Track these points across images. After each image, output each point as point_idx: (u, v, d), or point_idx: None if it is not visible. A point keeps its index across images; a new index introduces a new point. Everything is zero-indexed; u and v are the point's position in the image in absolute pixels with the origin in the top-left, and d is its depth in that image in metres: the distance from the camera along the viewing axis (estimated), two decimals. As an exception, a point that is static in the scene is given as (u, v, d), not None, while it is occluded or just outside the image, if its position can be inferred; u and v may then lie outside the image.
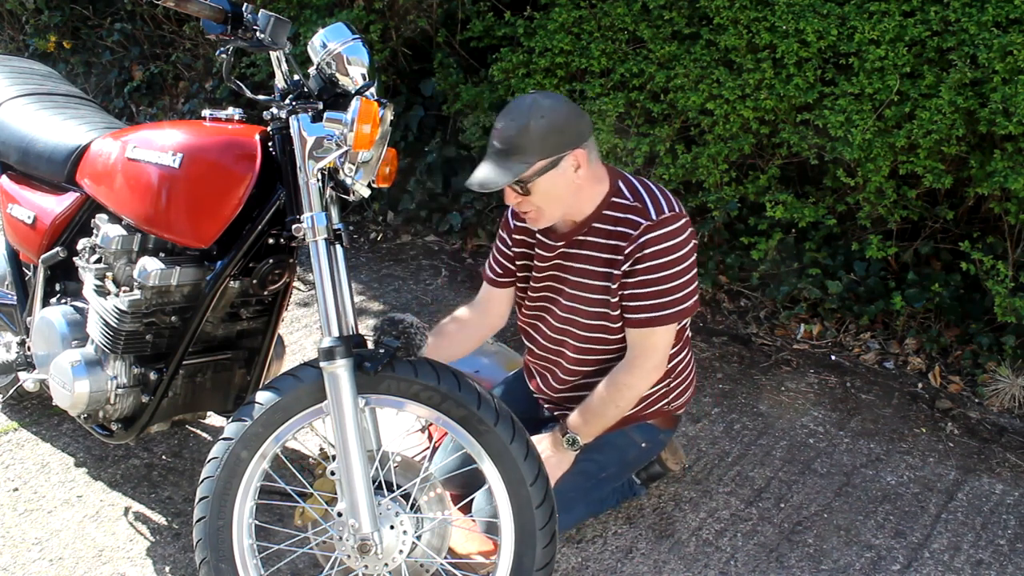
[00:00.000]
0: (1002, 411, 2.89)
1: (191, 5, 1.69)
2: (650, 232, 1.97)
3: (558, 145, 1.92)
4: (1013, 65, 2.58)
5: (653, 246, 1.97)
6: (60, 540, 2.19)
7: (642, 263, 1.98)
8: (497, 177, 1.92)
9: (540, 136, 1.90)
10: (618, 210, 2.03)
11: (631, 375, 2.06)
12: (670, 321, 2.02)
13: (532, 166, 1.92)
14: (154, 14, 4.97)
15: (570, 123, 1.94)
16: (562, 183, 1.96)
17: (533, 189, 1.95)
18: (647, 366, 2.05)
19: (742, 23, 2.93)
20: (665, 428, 2.25)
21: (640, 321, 2.01)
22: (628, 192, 2.04)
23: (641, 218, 1.99)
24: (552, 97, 1.97)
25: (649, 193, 2.03)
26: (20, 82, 2.51)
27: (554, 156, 1.92)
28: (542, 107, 1.92)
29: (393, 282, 3.70)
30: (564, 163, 1.94)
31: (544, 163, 1.92)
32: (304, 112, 1.76)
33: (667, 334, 2.05)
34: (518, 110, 1.93)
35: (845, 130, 2.81)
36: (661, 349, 2.06)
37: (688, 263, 2.01)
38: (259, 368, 2.17)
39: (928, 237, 3.15)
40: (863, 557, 2.22)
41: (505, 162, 1.92)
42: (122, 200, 1.99)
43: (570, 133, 1.94)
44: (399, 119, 3.97)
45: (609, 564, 2.17)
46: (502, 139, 1.93)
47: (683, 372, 2.22)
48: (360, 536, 1.73)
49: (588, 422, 2.09)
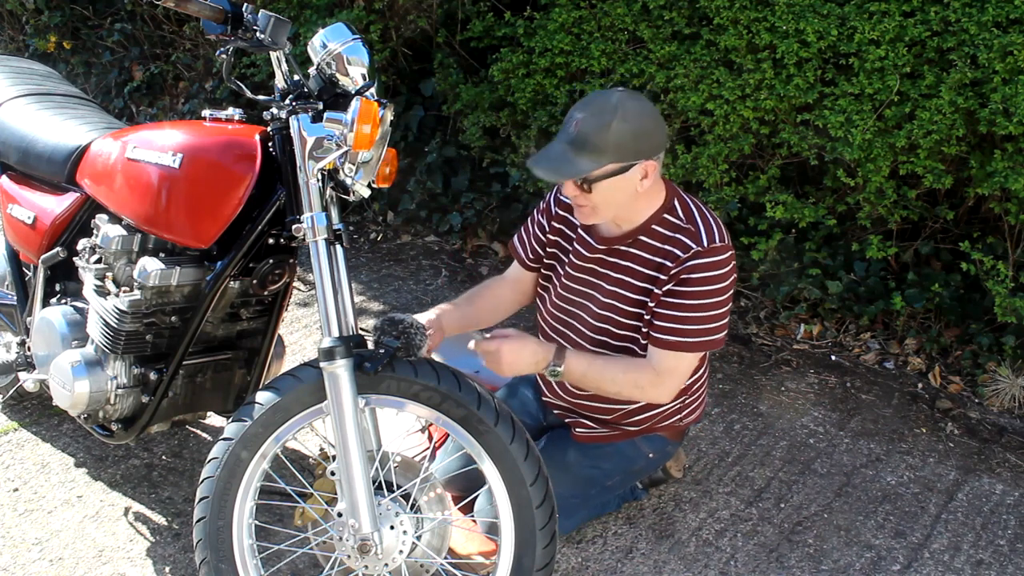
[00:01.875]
0: (1002, 411, 2.89)
1: (191, 5, 1.69)
2: (699, 258, 1.94)
3: (634, 152, 1.88)
4: (1013, 65, 2.58)
5: (699, 272, 1.94)
6: (60, 540, 2.19)
7: (684, 287, 1.95)
8: (564, 170, 1.88)
9: (619, 140, 1.86)
10: (668, 228, 1.99)
11: (652, 383, 1.99)
12: (698, 349, 1.98)
13: (602, 167, 1.87)
14: (154, 14, 4.96)
15: (652, 133, 1.90)
16: (625, 189, 1.92)
17: (595, 188, 1.91)
18: (668, 384, 2.01)
19: (742, 23, 2.93)
20: (673, 440, 2.24)
21: (669, 343, 1.97)
22: (682, 212, 2.00)
23: (692, 242, 1.95)
24: (638, 100, 1.91)
25: (703, 219, 1.99)
26: (20, 82, 2.51)
27: (627, 162, 1.88)
28: (628, 110, 1.86)
29: (393, 282, 3.70)
30: (633, 171, 1.90)
31: (615, 167, 1.88)
32: (304, 112, 1.76)
33: (692, 360, 2.02)
34: (603, 106, 1.87)
35: (845, 130, 2.81)
36: (684, 374, 2.03)
37: (726, 296, 1.98)
38: (259, 368, 2.17)
39: (928, 237, 3.15)
40: (863, 557, 2.22)
41: (576, 155, 1.87)
42: (122, 200, 1.99)
43: (649, 143, 1.90)
44: (399, 119, 3.97)
45: (609, 564, 2.17)
46: (580, 132, 1.87)
47: (698, 390, 2.21)
48: (360, 536, 1.73)
49: (586, 375, 1.98)
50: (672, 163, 3.15)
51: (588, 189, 1.91)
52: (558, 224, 2.17)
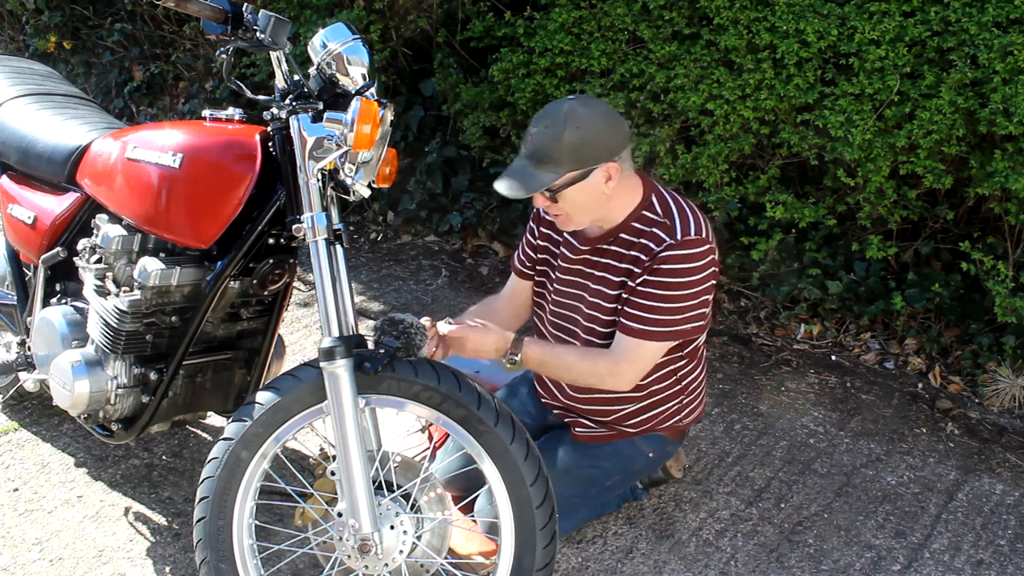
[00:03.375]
0: (1002, 411, 2.89)
1: (191, 5, 1.69)
2: (671, 251, 1.94)
3: (591, 158, 1.89)
4: (1013, 65, 2.58)
5: (670, 264, 1.94)
6: (60, 540, 2.19)
7: (655, 276, 1.95)
8: (526, 185, 1.91)
9: (572, 148, 1.87)
10: (645, 223, 2.00)
11: (608, 370, 1.98)
12: (660, 339, 1.98)
13: (561, 177, 1.89)
14: (154, 14, 4.96)
15: (606, 136, 1.90)
16: (591, 194, 1.93)
17: (561, 198, 1.93)
18: (629, 374, 2.00)
19: (742, 23, 2.93)
20: (673, 439, 2.24)
21: (631, 330, 1.98)
22: (659, 206, 2.00)
23: (666, 235, 1.96)
24: (591, 105, 1.92)
25: (680, 212, 1.99)
26: (20, 82, 2.51)
27: (585, 168, 1.89)
28: (578, 116, 1.87)
29: (393, 282, 3.70)
30: (595, 175, 1.91)
31: (574, 175, 1.89)
32: (304, 112, 1.76)
33: (656, 349, 2.00)
34: (555, 117, 1.88)
35: (845, 130, 2.81)
36: (647, 362, 2.01)
37: (698, 288, 1.96)
38: (259, 368, 2.17)
39: (928, 237, 3.15)
40: (863, 557, 2.22)
41: (535, 169, 1.90)
42: (122, 200, 1.99)
43: (604, 146, 1.90)
44: (399, 119, 3.96)
45: (609, 564, 2.17)
46: (534, 146, 1.90)
47: (697, 389, 2.21)
48: (360, 536, 1.73)
49: (542, 366, 2.01)
50: (672, 163, 3.16)
51: (555, 199, 1.93)
52: (546, 229, 2.19)
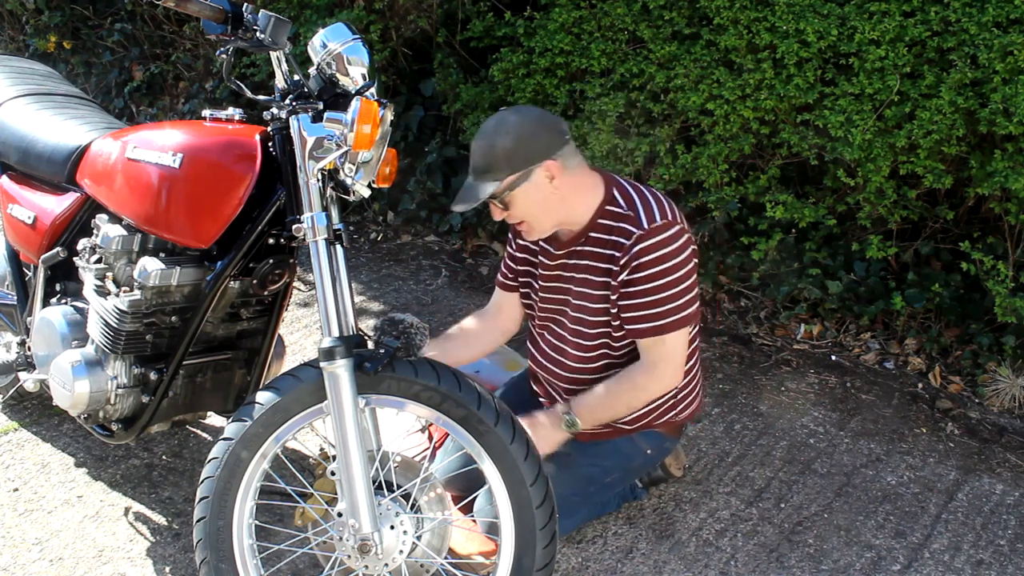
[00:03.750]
0: (1002, 411, 2.89)
1: (191, 5, 1.68)
2: (642, 242, 1.96)
3: (526, 159, 1.94)
4: (1013, 65, 2.58)
5: (648, 254, 1.96)
6: (60, 540, 2.19)
7: (639, 272, 1.97)
8: (472, 197, 1.97)
9: (506, 153, 1.94)
10: (611, 218, 2.02)
11: (649, 377, 2.04)
12: (676, 328, 2.00)
13: (502, 182, 1.95)
14: (154, 14, 4.96)
15: (536, 136, 1.96)
16: (539, 195, 1.98)
17: (511, 203, 1.98)
18: (666, 372, 2.04)
19: (742, 23, 2.93)
20: (671, 436, 2.25)
21: (646, 331, 2.00)
22: (622, 199, 2.03)
23: (633, 227, 1.98)
24: (520, 112, 1.99)
25: (642, 200, 2.02)
26: (20, 82, 2.51)
27: (523, 170, 1.94)
28: (507, 124, 1.95)
29: (393, 282, 3.70)
30: (535, 176, 1.96)
31: (513, 178, 1.95)
32: (304, 112, 1.76)
33: (678, 339, 2.03)
34: (486, 130, 1.97)
35: (845, 130, 2.81)
36: (678, 354, 2.04)
37: (685, 270, 1.99)
38: (259, 368, 2.17)
39: (928, 237, 3.15)
40: (863, 557, 2.22)
41: (479, 182, 1.97)
42: (122, 200, 1.99)
43: (537, 146, 1.95)
44: (399, 119, 3.97)
45: (609, 564, 2.17)
46: (474, 161, 1.98)
47: (692, 383, 2.21)
48: (360, 536, 1.73)
49: (594, 410, 2.07)
50: (672, 163, 3.16)
51: (507, 207, 1.99)
52: (522, 241, 2.21)
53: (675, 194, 3.33)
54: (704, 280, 3.38)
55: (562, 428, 2.08)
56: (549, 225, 2.04)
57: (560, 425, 2.08)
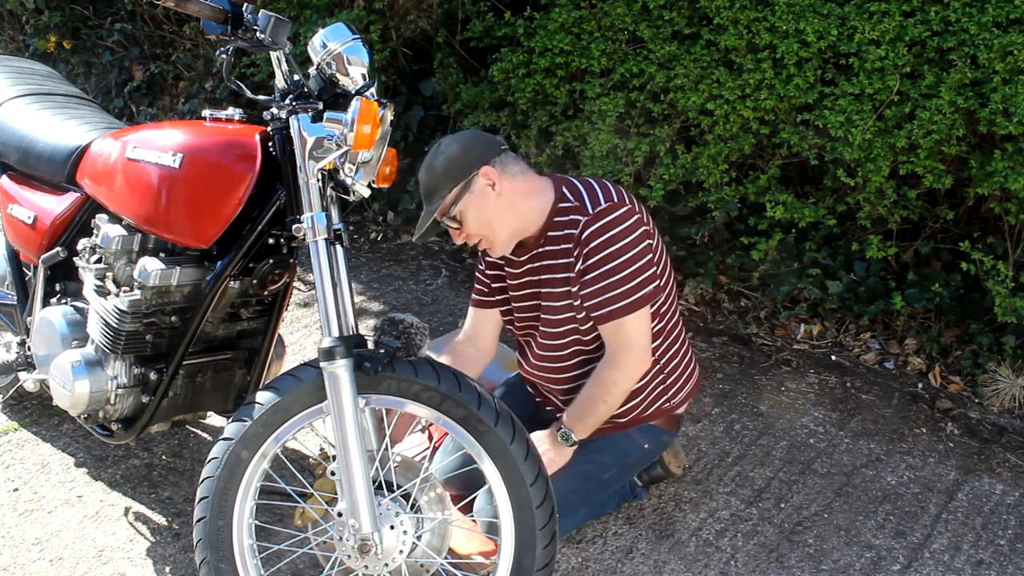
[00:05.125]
0: (1002, 411, 2.89)
1: (191, 5, 1.68)
2: (591, 225, 2.00)
3: (462, 170, 2.00)
4: (1013, 65, 2.58)
5: (597, 238, 1.99)
6: (60, 540, 2.19)
7: (591, 257, 2.00)
8: (424, 222, 2.04)
9: (443, 170, 2.00)
10: (563, 214, 2.06)
11: (615, 370, 2.06)
12: (633, 309, 2.01)
13: (446, 198, 2.00)
14: (154, 14, 4.96)
15: (468, 148, 2.02)
16: (486, 204, 2.02)
17: (463, 219, 2.03)
18: (630, 359, 2.05)
19: (742, 23, 2.93)
20: (668, 429, 2.25)
21: (604, 316, 2.03)
22: (570, 194, 2.07)
23: (579, 215, 2.02)
24: (454, 135, 2.07)
25: (587, 188, 2.06)
26: (20, 82, 2.51)
27: (462, 180, 1.99)
28: (441, 146, 2.03)
29: (393, 282, 3.70)
30: (475, 184, 2.00)
31: (456, 190, 2.00)
32: (304, 112, 1.76)
33: (638, 322, 2.03)
34: (426, 160, 2.05)
35: (845, 130, 2.81)
36: (639, 339, 2.04)
37: (637, 249, 2.00)
38: (259, 368, 2.17)
39: (928, 237, 3.15)
40: (863, 557, 2.22)
41: (429, 206, 2.04)
42: (122, 200, 1.99)
43: (470, 156, 2.01)
44: (399, 119, 3.97)
45: (609, 564, 2.17)
46: (422, 190, 2.06)
47: (677, 368, 2.21)
48: (360, 536, 1.73)
49: (581, 418, 2.10)
50: (672, 163, 3.16)
51: (459, 223, 2.04)
52: (489, 258, 2.24)
53: (675, 194, 3.33)
54: (704, 280, 3.38)
55: (561, 444, 2.11)
56: (506, 236, 2.07)
57: (559, 442, 2.11)
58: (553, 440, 2.12)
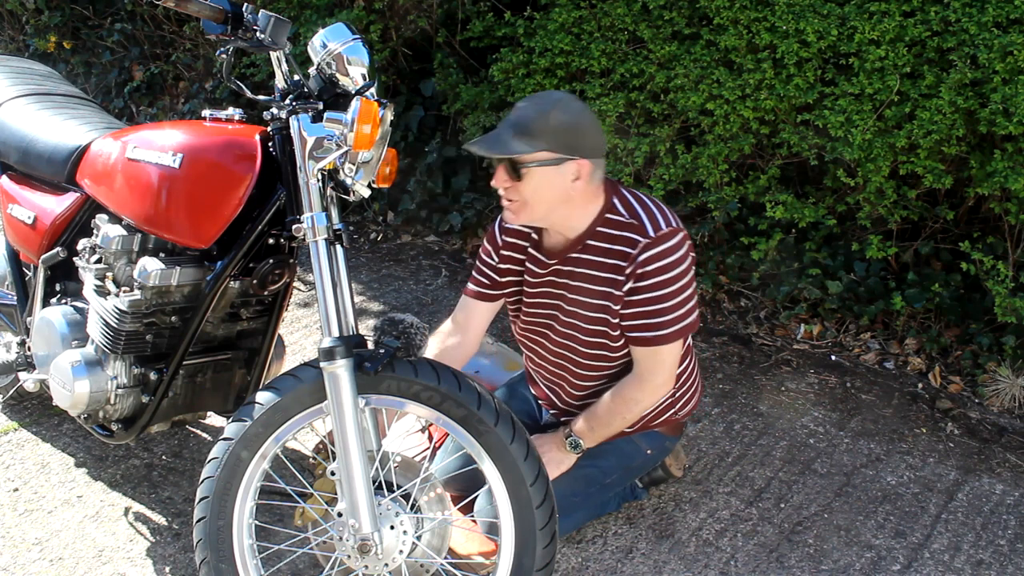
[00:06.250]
0: (1002, 411, 2.89)
1: (191, 5, 1.69)
2: (649, 250, 1.95)
3: (569, 146, 1.90)
4: (1013, 65, 2.58)
5: (654, 263, 1.95)
6: (60, 540, 2.19)
7: (644, 281, 1.96)
8: (498, 147, 1.90)
9: (555, 128, 1.88)
10: (613, 227, 2.00)
11: (640, 390, 2.06)
12: (675, 339, 2.01)
13: (535, 153, 1.89)
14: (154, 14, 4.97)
15: (589, 132, 1.92)
16: (555, 185, 1.93)
17: (525, 177, 1.92)
18: (656, 382, 2.05)
19: (742, 23, 2.93)
20: (671, 435, 2.25)
21: (646, 340, 2.00)
22: (623, 208, 2.01)
23: (639, 236, 1.97)
24: (581, 102, 1.95)
25: (645, 209, 2.00)
26: (20, 82, 2.51)
27: (561, 155, 1.90)
28: (570, 105, 1.90)
29: (393, 282, 3.70)
30: (566, 166, 1.91)
31: (548, 156, 1.89)
32: (304, 112, 1.76)
33: (674, 350, 2.04)
34: (545, 97, 1.92)
35: (845, 130, 2.81)
36: (669, 365, 2.05)
37: (688, 278, 1.99)
38: (259, 368, 2.17)
39: (928, 237, 3.15)
40: (863, 557, 2.22)
41: (512, 138, 1.89)
42: (122, 200, 1.99)
43: (585, 141, 1.91)
44: (399, 119, 3.97)
45: (609, 564, 2.17)
46: (519, 116, 1.90)
47: (688, 380, 2.21)
48: (360, 536, 1.73)
49: (593, 429, 2.09)
50: (672, 163, 3.16)
51: (518, 177, 1.92)
52: (507, 252, 2.18)
53: (675, 194, 3.33)
54: (704, 280, 3.38)
55: (568, 451, 2.10)
56: (541, 217, 2.00)
57: (565, 448, 2.10)
58: (559, 445, 2.11)
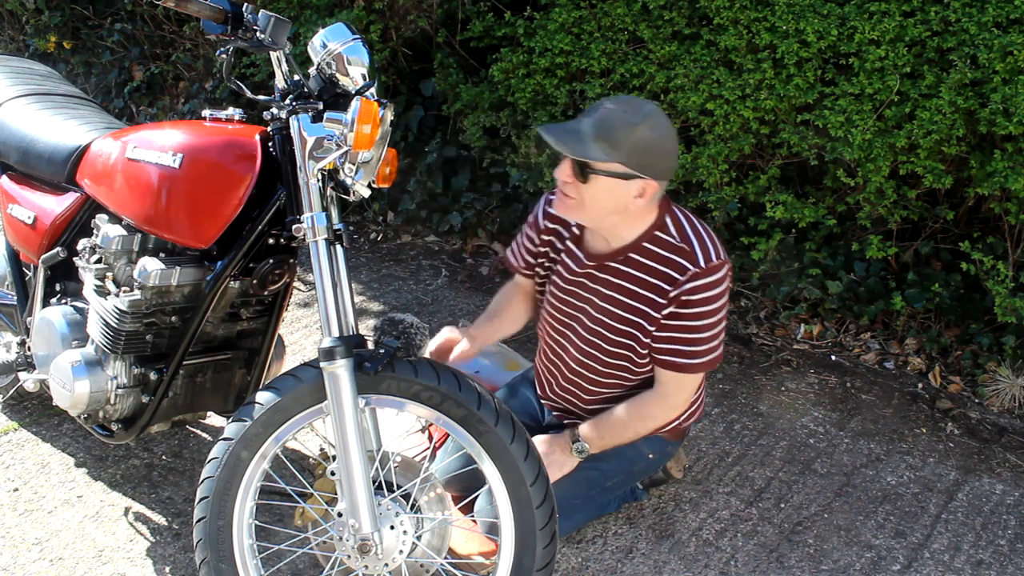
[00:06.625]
0: (1002, 411, 2.89)
1: (191, 5, 1.69)
2: (698, 279, 1.95)
3: (644, 165, 1.87)
4: (1013, 65, 2.58)
5: (699, 293, 1.95)
6: (60, 540, 2.19)
7: (686, 308, 1.97)
8: (574, 146, 1.87)
9: (637, 144, 1.85)
10: (662, 247, 1.99)
11: (659, 408, 2.08)
12: (702, 370, 2.03)
13: (609, 162, 1.87)
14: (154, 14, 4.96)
15: (668, 155, 1.91)
16: (617, 196, 1.91)
17: (591, 181, 1.89)
18: (675, 402, 2.08)
19: (742, 23, 2.93)
20: (673, 440, 2.25)
21: (675, 365, 2.01)
22: (675, 229, 1.99)
23: (690, 263, 1.96)
24: (668, 122, 1.92)
25: (697, 236, 1.99)
26: (20, 82, 2.51)
27: (632, 171, 1.88)
28: (659, 123, 1.87)
29: (393, 282, 3.70)
30: (634, 183, 1.89)
31: (620, 169, 1.87)
32: (304, 112, 1.76)
33: (698, 378, 2.08)
34: (637, 108, 1.88)
35: (845, 130, 2.81)
36: (690, 390, 2.09)
37: (724, 313, 2.01)
38: (259, 368, 2.17)
39: (928, 237, 3.15)
40: (863, 557, 2.22)
41: (591, 139, 1.86)
42: (122, 200, 1.99)
43: (661, 162, 1.90)
44: (399, 119, 3.96)
45: (609, 564, 2.17)
46: (605, 118, 1.87)
47: (696, 391, 2.22)
48: (360, 536, 1.73)
49: (603, 437, 2.10)
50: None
51: (584, 179, 1.90)
52: (547, 236, 2.18)
53: (675, 194, 3.33)
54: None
55: (572, 454, 2.10)
56: (593, 220, 1.99)
57: (570, 451, 2.10)
58: (564, 448, 2.11)
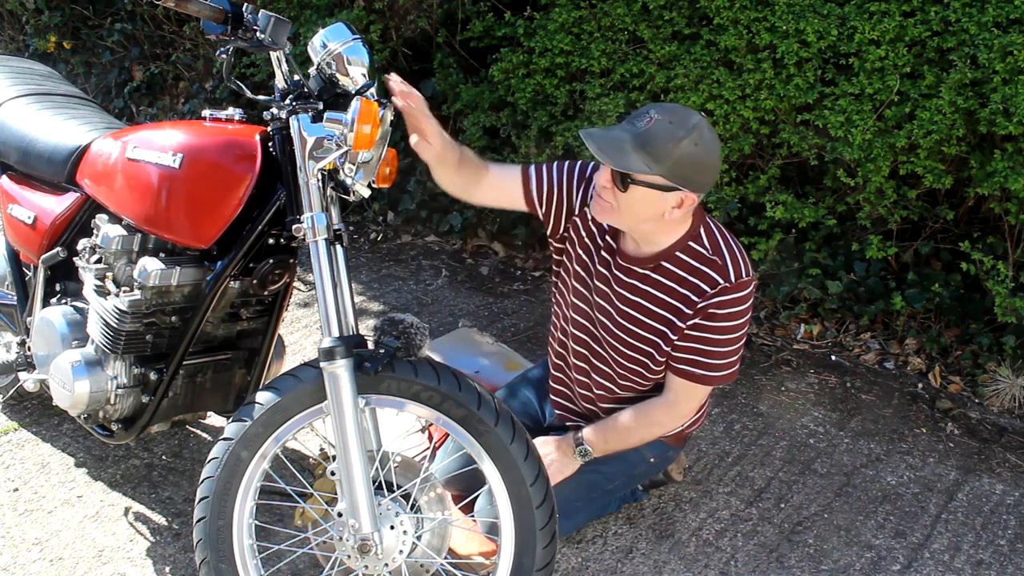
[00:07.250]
0: (1002, 411, 2.89)
1: (191, 5, 1.69)
2: (726, 294, 1.95)
3: (685, 178, 1.85)
4: (1013, 65, 2.58)
5: (726, 308, 1.96)
6: (60, 540, 2.19)
7: (711, 321, 1.97)
8: (616, 157, 1.84)
9: (680, 158, 1.82)
10: (693, 257, 1.98)
11: (667, 415, 2.08)
12: (718, 383, 2.04)
13: (650, 174, 1.84)
14: (154, 14, 4.96)
15: (710, 169, 1.89)
16: (655, 206, 1.89)
17: (630, 190, 1.87)
18: (684, 411, 2.09)
19: (742, 23, 2.93)
20: (675, 444, 2.25)
21: (692, 375, 2.01)
22: (708, 241, 1.98)
23: (720, 276, 1.95)
24: (714, 133, 1.90)
25: (729, 250, 1.98)
26: (20, 82, 2.51)
27: (673, 184, 1.85)
28: (704, 137, 1.84)
29: (393, 282, 3.70)
30: (673, 195, 1.87)
31: (661, 182, 1.84)
32: (304, 112, 1.76)
33: (710, 389, 2.09)
34: (684, 119, 1.84)
35: (845, 130, 2.81)
36: (700, 400, 2.10)
37: (746, 330, 2.02)
38: (259, 368, 2.17)
39: (928, 237, 3.15)
40: (863, 557, 2.22)
41: (634, 150, 1.83)
42: (122, 200, 1.99)
43: (702, 176, 1.88)
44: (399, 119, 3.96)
45: (609, 564, 2.17)
46: (650, 129, 1.83)
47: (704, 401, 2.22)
48: (360, 536, 1.73)
49: (608, 441, 2.10)
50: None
51: (624, 188, 1.88)
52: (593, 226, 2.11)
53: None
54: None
55: (575, 457, 2.11)
56: (628, 226, 1.98)
57: (573, 455, 2.10)
58: (566, 450, 2.11)
